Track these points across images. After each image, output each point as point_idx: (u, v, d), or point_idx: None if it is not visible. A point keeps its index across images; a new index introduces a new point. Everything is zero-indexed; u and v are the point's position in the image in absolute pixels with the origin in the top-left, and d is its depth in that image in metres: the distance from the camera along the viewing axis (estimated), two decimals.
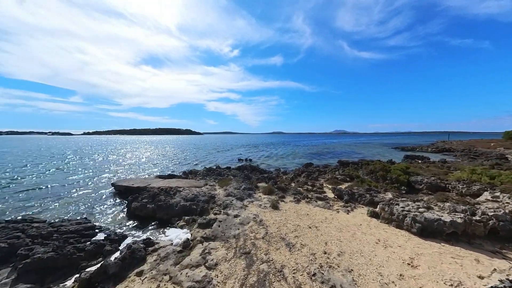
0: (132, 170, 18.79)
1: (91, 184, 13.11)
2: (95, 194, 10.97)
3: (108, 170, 18.80)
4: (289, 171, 16.56)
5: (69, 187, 12.25)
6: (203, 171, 14.73)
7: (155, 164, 23.08)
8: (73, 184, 13.03)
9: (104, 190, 11.65)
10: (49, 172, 17.22)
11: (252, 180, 12.04)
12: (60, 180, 14.14)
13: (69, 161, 23.86)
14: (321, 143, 69.97)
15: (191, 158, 28.65)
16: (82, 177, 15.39)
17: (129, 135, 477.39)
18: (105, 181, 14.16)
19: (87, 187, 12.23)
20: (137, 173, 17.63)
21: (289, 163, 23.37)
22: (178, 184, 10.67)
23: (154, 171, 18.27)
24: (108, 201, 9.80)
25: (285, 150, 42.16)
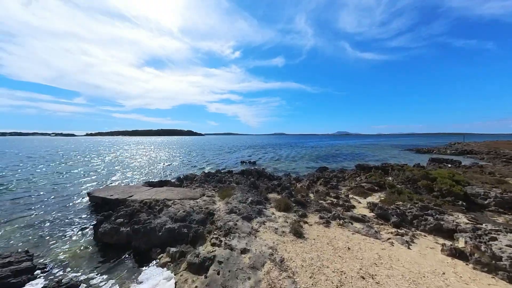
0: (121, 175, 16.65)
1: (65, 193, 10.95)
2: (63, 207, 8.78)
3: (94, 174, 16.69)
4: (302, 177, 14.23)
5: (35, 198, 10.09)
6: (200, 177, 12.50)
7: (148, 167, 20.95)
8: (42, 193, 10.87)
9: (78, 201, 9.46)
10: (23, 175, 15.18)
11: (260, 189, 9.75)
12: (29, 187, 12.03)
13: (54, 163, 21.90)
14: (327, 145, 67.36)
15: (189, 160, 26.49)
16: (61, 182, 13.28)
17: (131, 136, 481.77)
18: (84, 188, 12.00)
19: (58, 197, 10.06)
20: (126, 178, 15.47)
21: (298, 166, 21.01)
22: (168, 195, 8.43)
23: (144, 176, 16.10)
24: (76, 219, 7.59)
25: (291, 151, 39.76)
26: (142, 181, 14.69)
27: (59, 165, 20.62)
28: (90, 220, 7.38)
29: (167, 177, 15.53)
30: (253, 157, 30.23)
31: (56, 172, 17.12)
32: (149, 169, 19.59)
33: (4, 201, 9.40)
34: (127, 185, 10.19)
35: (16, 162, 22.82)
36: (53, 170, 17.69)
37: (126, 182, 13.84)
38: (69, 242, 5.98)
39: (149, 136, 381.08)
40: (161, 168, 20.39)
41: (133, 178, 15.26)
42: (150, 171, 18.28)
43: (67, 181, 13.85)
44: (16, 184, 12.66)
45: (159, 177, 15.54)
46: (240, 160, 25.90)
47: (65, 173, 16.48)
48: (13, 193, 10.73)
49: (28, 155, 30.29)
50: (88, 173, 16.72)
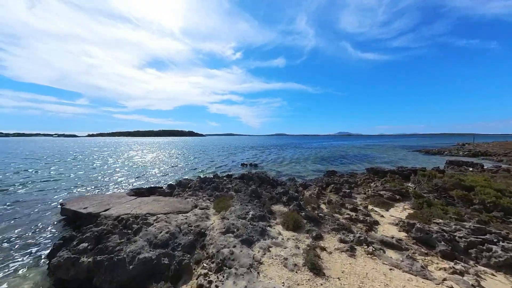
0: (110, 179, 15.28)
1: (40, 201, 9.58)
2: (32, 220, 7.38)
3: (81, 178, 15.34)
4: (309, 182, 12.73)
5: (2, 207, 8.72)
6: (195, 182, 11.08)
7: (141, 170, 19.59)
8: (13, 201, 9.50)
9: (50, 213, 8.07)
10: (5, 177, 13.87)
11: (263, 200, 8.29)
12: (3, 191, 10.68)
13: (46, 165, 20.63)
14: (329, 145, 65.72)
15: (186, 163, 25.10)
16: (41, 188, 11.94)
17: (133, 136, 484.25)
18: (63, 196, 10.64)
19: (30, 207, 8.67)
20: (115, 183, 14.10)
21: (303, 169, 19.51)
22: (152, 208, 7.00)
23: (135, 180, 14.73)
24: (41, 238, 6.17)
25: (294, 153, 38.23)
26: (133, 185, 13.34)
27: (48, 167, 19.36)
28: (55, 238, 5.97)
29: (159, 182, 14.15)
30: (254, 158, 28.80)
31: (43, 175, 15.82)
32: (142, 172, 18.22)
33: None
34: (109, 194, 8.81)
35: (6, 163, 21.62)
36: (41, 173, 16.41)
37: (115, 187, 12.48)
38: (13, 278, 4.56)
39: (150, 137, 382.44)
40: (155, 171, 19.02)
41: (122, 183, 13.90)
42: (142, 175, 16.91)
43: (48, 186, 12.50)
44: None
45: (152, 182, 14.19)
46: (240, 162, 24.46)
47: (50, 177, 15.16)
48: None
49: (23, 156, 29.15)
50: (75, 177, 15.39)
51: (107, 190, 11.87)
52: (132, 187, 12.87)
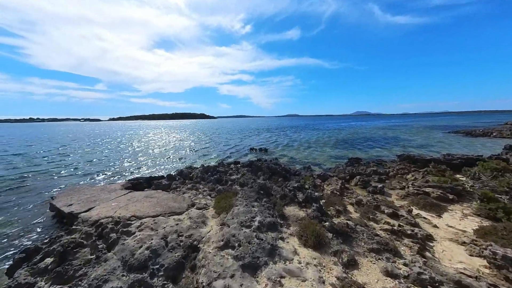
0: (113, 165, 14.91)
1: (38, 192, 9.22)
2: (23, 217, 6.85)
3: (87, 165, 15.20)
4: (328, 173, 10.82)
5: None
6: (198, 172, 9.90)
7: (148, 155, 19.15)
8: (13, 190, 9.25)
9: (39, 209, 7.44)
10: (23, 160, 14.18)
11: (273, 199, 6.73)
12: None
13: (54, 149, 21.30)
14: (348, 126, 60.77)
15: (194, 147, 24.31)
16: (46, 173, 11.83)
17: (149, 120, 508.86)
18: (60, 187, 10.26)
19: (27, 197, 8.28)
20: (120, 169, 13.64)
21: (319, 155, 17.40)
22: (141, 208, 5.88)
23: (137, 167, 14.13)
24: (24, 239, 5.49)
25: (308, 135, 35.50)
26: (138, 171, 12.74)
27: (89, 150, 19.91)
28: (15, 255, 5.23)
29: (161, 169, 13.36)
30: (264, 142, 27.07)
31: (76, 158, 16.08)
32: (150, 157, 17.74)
33: None
34: (101, 187, 8.00)
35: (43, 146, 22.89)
36: (82, 155, 16.76)
37: (119, 174, 11.95)
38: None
39: (165, 120, 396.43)
40: (163, 156, 18.45)
41: (129, 168, 13.37)
42: (149, 160, 16.37)
43: (52, 173, 12.39)
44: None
45: (155, 169, 13.47)
46: (249, 146, 22.96)
47: (56, 163, 15.28)
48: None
49: (68, 139, 31.01)
50: (83, 163, 15.33)
51: (109, 177, 11.36)
52: (136, 174, 12.26)
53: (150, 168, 13.83)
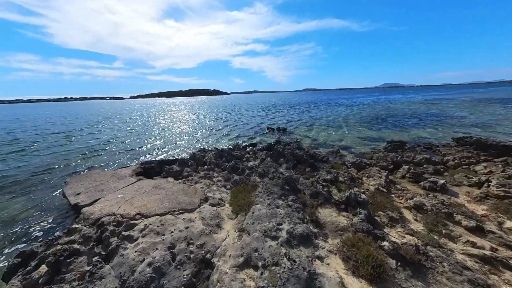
0: (129, 145, 14.80)
1: (60, 175, 9.29)
2: (37, 204, 6.77)
3: (107, 145, 15.36)
4: (364, 159, 8.94)
5: (22, 180, 8.62)
6: (211, 157, 8.90)
7: (159, 135, 18.83)
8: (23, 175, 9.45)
9: (57, 196, 7.31)
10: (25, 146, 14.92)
11: (302, 197, 5.41)
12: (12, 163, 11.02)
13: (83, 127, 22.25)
14: (377, 101, 53.60)
15: (207, 125, 23.38)
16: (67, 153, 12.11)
17: (165, 97, 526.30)
18: (80, 169, 10.26)
19: (47, 181, 8.33)
20: (132, 150, 13.44)
21: (347, 137, 15.09)
22: (147, 204, 5.11)
23: (150, 149, 13.75)
24: (36, 231, 5.28)
25: (330, 112, 31.86)
26: (150, 152, 12.35)
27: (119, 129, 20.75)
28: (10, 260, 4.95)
29: (175, 150, 12.74)
30: (282, 120, 24.90)
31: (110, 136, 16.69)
32: (163, 137, 17.40)
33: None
34: (112, 172, 7.51)
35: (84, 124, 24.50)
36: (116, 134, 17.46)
37: (133, 154, 11.71)
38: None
39: (180, 97, 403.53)
40: (176, 136, 17.96)
41: (141, 149, 13.10)
42: (162, 141, 15.99)
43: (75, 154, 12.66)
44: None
45: (168, 149, 12.94)
46: (266, 125, 21.21)
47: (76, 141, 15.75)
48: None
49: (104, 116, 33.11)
50: (107, 142, 15.57)
51: (128, 156, 11.14)
52: (151, 154, 11.90)
53: (164, 149, 13.39)
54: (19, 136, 18.93)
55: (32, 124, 29.09)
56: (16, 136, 19.00)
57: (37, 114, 48.84)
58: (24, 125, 28.51)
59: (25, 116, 43.82)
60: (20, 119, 36.47)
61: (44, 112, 56.68)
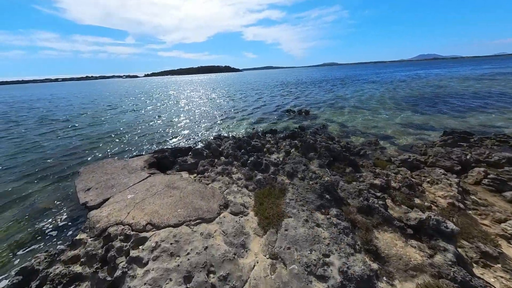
0: (143, 129, 14.32)
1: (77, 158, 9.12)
2: (54, 191, 6.57)
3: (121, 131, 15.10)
4: (409, 151, 7.12)
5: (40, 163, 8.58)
6: (228, 147, 7.83)
7: (172, 118, 18.08)
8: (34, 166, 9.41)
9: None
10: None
11: (347, 211, 4.18)
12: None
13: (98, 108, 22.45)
14: (415, 77, 45.98)
15: (219, 107, 21.97)
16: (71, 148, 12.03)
17: (177, 75, 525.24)
18: (96, 154, 10.01)
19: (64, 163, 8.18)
20: (146, 134, 12.92)
21: (384, 122, 12.75)
22: (160, 209, 4.36)
23: (163, 133, 13.07)
24: (50, 233, 4.99)
25: (360, 91, 27.87)
26: (164, 137, 11.65)
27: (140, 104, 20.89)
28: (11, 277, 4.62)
29: (189, 135, 11.88)
30: (303, 101, 22.37)
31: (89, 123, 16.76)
32: (176, 120, 16.66)
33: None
34: (123, 164, 6.91)
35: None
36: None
37: (147, 139, 11.20)
38: None
39: (191, 75, 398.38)
40: (189, 118, 17.09)
41: (154, 135, 12.53)
42: (175, 124, 15.27)
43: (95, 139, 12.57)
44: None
45: (181, 135, 12.13)
46: (285, 107, 19.17)
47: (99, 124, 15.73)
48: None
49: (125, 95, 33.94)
50: (123, 125, 15.38)
51: (142, 142, 10.66)
52: (165, 138, 11.24)
53: (177, 134, 12.66)
54: (52, 116, 19.75)
55: (65, 103, 30.41)
56: (50, 115, 19.87)
57: (67, 93, 51.42)
58: (57, 106, 29.91)
59: (57, 95, 46.41)
60: (57, 96, 38.77)
61: (73, 91, 59.59)
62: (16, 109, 26.49)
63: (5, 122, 18.05)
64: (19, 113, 22.40)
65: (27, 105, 30.55)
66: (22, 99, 40.94)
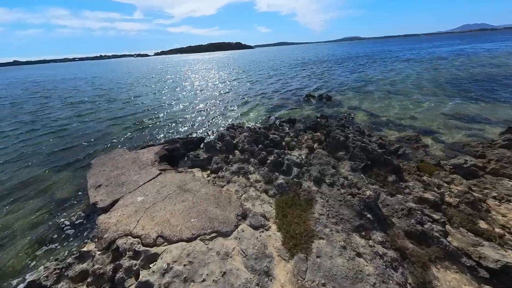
0: (153, 114, 13.86)
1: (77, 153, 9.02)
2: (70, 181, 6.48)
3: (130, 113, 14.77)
4: (459, 151, 5.76)
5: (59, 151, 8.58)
6: (243, 140, 7.03)
7: (180, 103, 17.29)
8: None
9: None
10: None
11: (392, 234, 3.34)
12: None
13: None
14: (460, 52, 38.93)
15: (230, 90, 20.56)
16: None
17: (186, 53, 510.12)
18: (111, 140, 9.82)
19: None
20: (156, 121, 12.46)
21: (424, 112, 10.81)
22: (172, 216, 3.90)
23: (173, 121, 12.48)
24: (67, 231, 4.89)
25: (390, 71, 24.24)
26: (176, 124, 11.04)
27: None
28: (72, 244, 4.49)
29: (201, 125, 11.14)
30: (323, 84, 20.05)
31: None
32: (184, 104, 15.92)
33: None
34: (133, 157, 6.49)
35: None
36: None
37: (158, 126, 10.77)
38: None
39: (201, 53, 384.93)
40: (199, 102, 16.23)
41: (165, 121, 12.03)
42: (184, 110, 14.57)
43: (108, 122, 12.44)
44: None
45: (191, 121, 11.45)
46: (304, 91, 17.31)
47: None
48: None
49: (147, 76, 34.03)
50: (136, 110, 15.08)
51: (153, 129, 10.26)
52: (174, 128, 10.68)
53: (188, 120, 12.02)
54: (75, 98, 20.16)
55: (87, 84, 30.97)
56: (74, 96, 20.32)
57: (88, 73, 52.39)
58: (80, 88, 30.50)
59: (78, 75, 47.53)
60: (78, 77, 39.83)
61: (92, 71, 60.55)
62: (48, 88, 27.46)
63: (37, 103, 18.73)
64: (49, 92, 23.19)
65: (55, 85, 31.55)
66: (51, 79, 42.21)
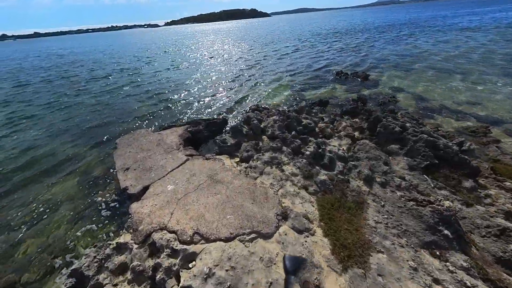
0: (171, 93, 13.21)
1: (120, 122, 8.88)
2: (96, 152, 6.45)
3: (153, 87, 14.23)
4: None
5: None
6: (272, 124, 6.20)
7: (199, 79, 16.20)
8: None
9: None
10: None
11: (478, 257, 2.65)
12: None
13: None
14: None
15: (252, 68, 18.69)
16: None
17: (198, 22, 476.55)
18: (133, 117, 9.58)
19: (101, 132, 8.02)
20: (173, 98, 11.86)
21: (492, 97, 8.73)
22: (207, 212, 3.57)
23: (190, 99, 11.73)
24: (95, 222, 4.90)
25: (440, 43, 19.93)
26: (193, 103, 10.35)
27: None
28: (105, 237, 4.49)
29: (223, 104, 10.30)
30: (357, 59, 17.22)
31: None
32: (204, 83, 14.90)
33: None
34: (158, 139, 6.09)
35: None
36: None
37: (177, 106, 10.24)
38: None
39: (213, 22, 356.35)
40: (216, 80, 15.08)
41: (182, 101, 11.39)
42: (200, 87, 13.65)
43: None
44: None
45: (212, 103, 10.63)
46: (333, 67, 15.10)
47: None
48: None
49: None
50: (156, 87, 14.57)
51: (172, 108, 9.79)
52: (195, 108, 10.03)
53: (209, 100, 11.24)
54: (98, 73, 20.19)
55: (107, 57, 30.80)
56: (96, 69, 20.38)
57: (105, 46, 51.85)
58: (100, 61, 30.45)
59: (98, 48, 47.36)
60: (98, 50, 39.82)
61: (107, 43, 59.74)
62: (73, 62, 27.86)
63: (61, 77, 19.10)
64: (73, 66, 23.48)
65: (81, 57, 31.81)
66: (75, 51, 42.47)
